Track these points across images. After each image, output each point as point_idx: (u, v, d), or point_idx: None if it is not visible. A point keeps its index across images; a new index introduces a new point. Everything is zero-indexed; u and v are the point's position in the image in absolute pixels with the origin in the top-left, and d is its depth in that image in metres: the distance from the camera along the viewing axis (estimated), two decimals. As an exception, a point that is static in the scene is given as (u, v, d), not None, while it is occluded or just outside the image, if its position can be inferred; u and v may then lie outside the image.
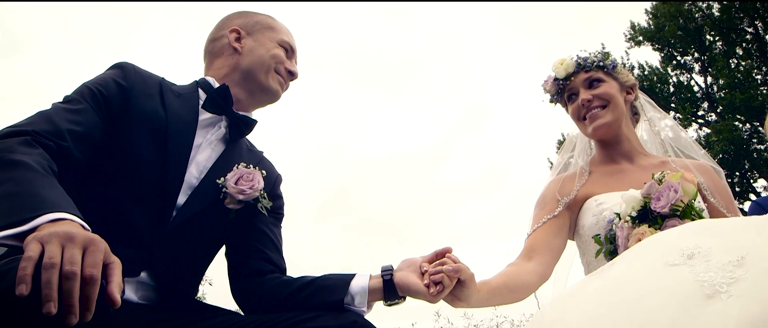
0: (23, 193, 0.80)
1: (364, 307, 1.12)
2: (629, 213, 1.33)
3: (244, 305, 1.22)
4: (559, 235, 1.55)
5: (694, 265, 0.87)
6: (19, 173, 0.84)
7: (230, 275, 1.25)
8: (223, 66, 1.30)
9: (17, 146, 0.90)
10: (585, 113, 1.60)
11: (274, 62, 1.30)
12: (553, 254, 1.53)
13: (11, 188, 0.81)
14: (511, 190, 17.81)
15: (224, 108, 1.24)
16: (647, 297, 0.85)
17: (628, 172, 1.59)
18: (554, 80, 1.66)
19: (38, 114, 1.02)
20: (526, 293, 1.42)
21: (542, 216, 1.57)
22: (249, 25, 1.34)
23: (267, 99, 1.33)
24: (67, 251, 0.69)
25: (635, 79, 1.71)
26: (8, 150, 0.88)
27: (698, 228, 1.02)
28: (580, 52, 1.66)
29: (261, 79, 1.29)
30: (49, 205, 0.78)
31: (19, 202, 0.78)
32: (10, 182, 0.82)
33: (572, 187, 1.60)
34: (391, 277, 1.12)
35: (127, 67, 1.18)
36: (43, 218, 0.75)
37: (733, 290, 0.80)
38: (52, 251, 0.68)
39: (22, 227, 0.74)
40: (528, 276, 1.44)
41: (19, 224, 0.74)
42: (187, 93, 1.23)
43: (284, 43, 1.34)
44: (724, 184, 1.62)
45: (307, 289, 1.15)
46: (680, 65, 13.54)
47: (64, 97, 1.10)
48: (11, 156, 0.87)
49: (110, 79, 1.13)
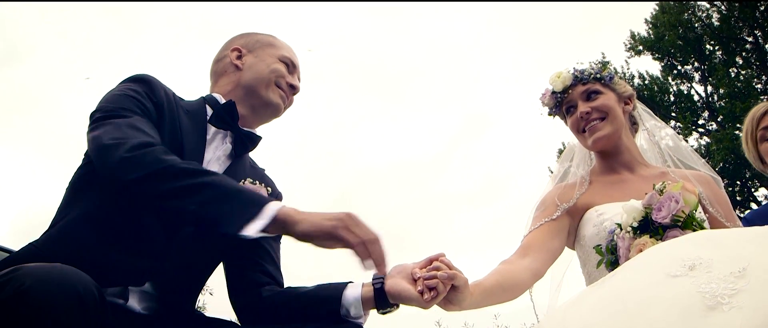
0: (233, 190, 0.99)
1: (360, 317, 1.13)
2: (630, 224, 1.33)
3: (242, 317, 1.23)
4: (556, 238, 1.55)
5: (695, 276, 0.87)
6: (212, 176, 1.01)
7: (229, 287, 1.26)
8: (227, 83, 1.33)
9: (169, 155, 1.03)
10: (584, 126, 1.61)
11: (274, 76, 1.32)
12: (549, 255, 1.53)
13: (226, 187, 0.99)
14: (511, 199, 17.81)
15: (230, 124, 1.26)
16: (648, 308, 0.85)
17: (629, 182, 1.59)
18: (552, 93, 1.67)
19: (129, 127, 1.06)
20: (519, 292, 1.43)
21: (541, 218, 1.58)
22: (250, 43, 1.37)
23: (269, 113, 1.34)
24: (361, 227, 0.98)
25: (633, 89, 1.72)
26: (179, 160, 1.02)
27: (700, 239, 1.02)
28: (576, 65, 1.68)
29: (262, 93, 1.31)
30: (260, 198, 0.99)
31: (243, 198, 0.98)
32: (218, 184, 0.99)
33: (572, 195, 1.60)
34: (382, 285, 1.13)
35: (155, 84, 1.19)
36: (270, 208, 0.96)
37: (735, 302, 0.79)
38: (364, 228, 0.98)
39: (259, 220, 0.95)
40: (522, 273, 1.44)
41: (254, 218, 0.94)
42: (194, 110, 1.25)
43: (284, 58, 1.36)
44: (723, 194, 1.62)
45: (302, 300, 1.17)
46: (680, 75, 13.58)
47: (115, 111, 1.10)
48: (192, 164, 1.04)
49: (144, 95, 1.15)
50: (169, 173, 0.98)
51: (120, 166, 0.99)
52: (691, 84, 13.57)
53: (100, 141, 1.02)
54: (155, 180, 0.98)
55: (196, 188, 0.97)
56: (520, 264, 1.46)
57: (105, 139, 1.02)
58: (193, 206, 0.96)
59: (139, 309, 1.09)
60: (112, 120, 1.07)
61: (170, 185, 0.97)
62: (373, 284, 1.13)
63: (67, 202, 1.12)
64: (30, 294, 0.75)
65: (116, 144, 1.01)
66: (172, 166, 0.99)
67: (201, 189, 0.97)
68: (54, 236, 1.05)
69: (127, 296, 1.08)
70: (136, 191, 1.00)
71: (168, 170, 0.98)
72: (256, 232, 0.94)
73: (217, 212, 0.95)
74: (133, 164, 0.98)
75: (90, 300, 0.80)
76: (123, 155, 0.99)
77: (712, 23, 13.17)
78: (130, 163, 0.98)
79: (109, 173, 1.01)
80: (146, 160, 0.99)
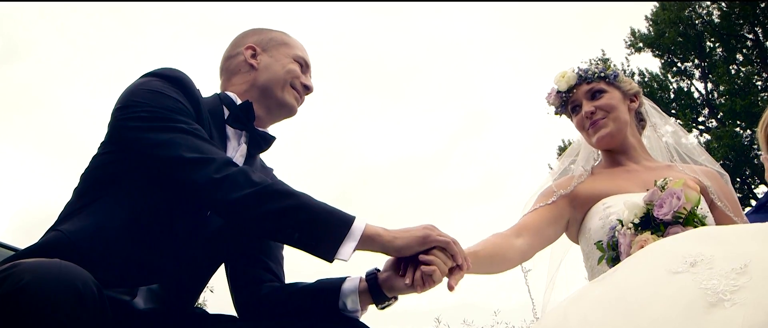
0: (324, 211, 1.03)
1: (357, 311, 1.14)
2: (632, 220, 1.33)
3: (243, 312, 1.24)
4: (552, 226, 1.58)
5: (696, 272, 0.87)
6: (302, 196, 1.04)
7: (230, 283, 1.27)
8: (242, 83, 1.32)
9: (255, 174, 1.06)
10: (588, 124, 1.62)
11: (290, 77, 1.32)
12: (542, 241, 1.56)
13: (318, 208, 1.03)
14: (511, 196, 17.88)
15: (246, 124, 1.26)
16: (650, 305, 0.85)
17: (635, 172, 1.61)
18: (557, 93, 1.70)
19: (201, 139, 1.07)
20: (505, 268, 1.47)
21: (540, 201, 1.62)
22: (264, 41, 1.37)
23: (283, 114, 1.35)
24: (443, 232, 1.09)
25: (638, 87, 1.73)
26: (269, 180, 1.05)
27: (701, 235, 1.03)
28: (581, 64, 1.70)
29: (278, 95, 1.31)
30: (346, 217, 1.03)
31: (333, 219, 1.02)
32: (311, 206, 1.03)
33: (571, 183, 1.63)
34: (375, 279, 1.13)
35: (189, 84, 1.18)
36: (357, 227, 1.02)
37: (737, 298, 0.79)
38: (445, 233, 1.08)
39: (350, 241, 1.01)
40: (512, 252, 1.48)
41: (344, 238, 1.00)
42: (213, 109, 1.24)
43: (299, 58, 1.36)
44: (730, 189, 1.63)
45: (301, 295, 1.18)
46: (681, 72, 13.57)
47: (163, 113, 1.08)
48: (283, 185, 1.06)
49: (182, 97, 1.14)
50: (265, 193, 1.00)
51: (214, 185, 1.00)
52: (691, 81, 13.58)
53: (178, 153, 1.02)
54: (255, 201, 1.00)
55: (293, 211, 1.00)
56: (513, 242, 1.49)
57: (183, 151, 1.02)
58: (296, 234, 1.00)
59: (143, 306, 1.10)
60: (170, 124, 1.06)
61: (268, 207, 1.00)
62: (366, 280, 1.14)
63: (85, 191, 1.10)
64: (29, 290, 0.75)
65: (201, 160, 1.02)
66: (266, 187, 1.01)
67: (297, 211, 1.00)
68: (87, 228, 1.03)
69: (136, 293, 1.08)
70: (228, 210, 1.01)
71: (264, 191, 1.01)
72: (349, 255, 1.00)
73: (315, 236, 1.00)
74: (228, 184, 1.00)
75: (89, 296, 0.80)
76: (214, 176, 1.00)
77: (713, 20, 13.16)
78: (225, 183, 1.00)
79: (195, 189, 1.02)
80: (240, 181, 1.01)
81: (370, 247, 1.04)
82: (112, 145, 1.11)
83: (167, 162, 1.03)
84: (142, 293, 1.09)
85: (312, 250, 1.01)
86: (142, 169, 1.07)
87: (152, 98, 1.09)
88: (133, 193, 1.07)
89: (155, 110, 1.07)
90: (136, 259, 1.05)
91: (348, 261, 1.00)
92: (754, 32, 12.92)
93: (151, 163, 1.04)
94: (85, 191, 1.09)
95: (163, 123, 1.06)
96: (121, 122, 1.08)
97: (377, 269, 1.15)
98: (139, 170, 1.07)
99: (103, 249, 1.00)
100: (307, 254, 1.02)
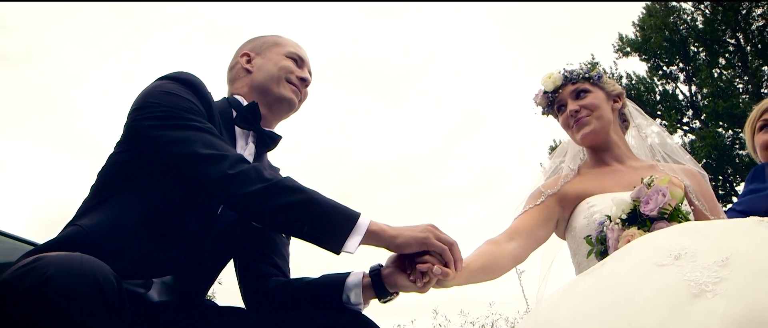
0: (330, 206, 1.06)
1: (360, 304, 1.16)
2: (619, 216, 1.36)
3: (250, 305, 1.26)
4: (543, 227, 1.61)
5: (681, 265, 0.89)
6: (310, 191, 1.06)
7: (239, 277, 1.30)
8: (241, 87, 1.36)
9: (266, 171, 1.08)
10: (573, 122, 1.66)
11: (283, 73, 1.35)
12: (534, 242, 1.59)
13: (325, 203, 1.05)
14: (505, 194, 17.99)
15: (253, 124, 1.29)
16: (636, 296, 0.87)
17: (620, 172, 1.64)
18: (544, 93, 1.73)
19: (215, 137, 1.09)
20: (499, 275, 1.49)
21: (529, 204, 1.65)
22: (257, 46, 1.40)
23: (284, 109, 1.37)
24: (443, 235, 1.10)
25: (622, 88, 1.77)
26: (278, 176, 1.07)
27: (685, 230, 1.05)
28: (566, 66, 1.73)
29: (274, 91, 1.34)
30: (351, 212, 1.06)
31: (339, 214, 1.05)
32: (318, 200, 1.05)
33: (558, 184, 1.66)
34: (378, 275, 1.16)
35: (201, 86, 1.19)
36: (362, 222, 1.05)
37: (719, 289, 0.82)
38: (445, 235, 1.11)
39: (356, 235, 1.03)
40: (505, 259, 1.50)
41: (350, 233, 1.03)
42: (221, 110, 1.26)
43: (291, 54, 1.39)
44: (708, 188, 1.67)
45: (306, 289, 1.20)
46: (666, 75, 13.78)
47: (178, 113, 1.10)
48: (292, 181, 1.08)
49: (195, 98, 1.16)
50: (276, 189, 1.03)
51: (228, 181, 1.03)
52: (676, 84, 13.79)
53: (193, 149, 1.04)
54: (266, 196, 1.03)
55: (303, 205, 1.03)
56: (505, 248, 1.51)
57: (198, 148, 1.05)
58: (306, 227, 1.03)
59: (157, 299, 1.12)
60: (184, 122, 1.08)
61: (279, 201, 1.02)
62: (370, 275, 1.17)
63: (102, 188, 1.11)
64: (53, 283, 0.77)
65: (216, 156, 1.04)
66: (277, 182, 1.04)
67: (307, 206, 1.03)
68: (105, 222, 1.04)
69: (150, 286, 1.10)
70: (242, 204, 1.04)
71: (275, 187, 1.03)
72: (354, 248, 1.02)
73: (323, 230, 1.03)
74: (241, 179, 1.03)
75: (109, 289, 0.81)
76: (228, 171, 1.03)
77: (697, 26, 13.39)
78: (238, 178, 1.03)
79: (210, 184, 1.04)
80: (252, 177, 1.04)
81: (374, 242, 1.07)
82: (129, 144, 1.13)
83: (183, 158, 1.05)
84: (156, 286, 1.11)
85: (320, 242, 1.03)
86: (157, 166, 1.08)
87: (167, 99, 1.11)
88: (149, 190, 1.08)
89: (170, 110, 1.09)
90: (151, 252, 1.06)
91: (354, 254, 1.02)
92: (735, 38, 13.17)
93: (167, 160, 1.06)
94: (102, 188, 1.11)
95: (177, 122, 1.08)
96: (138, 122, 1.10)
97: (380, 265, 1.18)
98: (154, 167, 1.08)
99: (119, 242, 1.02)
100: (314, 248, 1.04)
